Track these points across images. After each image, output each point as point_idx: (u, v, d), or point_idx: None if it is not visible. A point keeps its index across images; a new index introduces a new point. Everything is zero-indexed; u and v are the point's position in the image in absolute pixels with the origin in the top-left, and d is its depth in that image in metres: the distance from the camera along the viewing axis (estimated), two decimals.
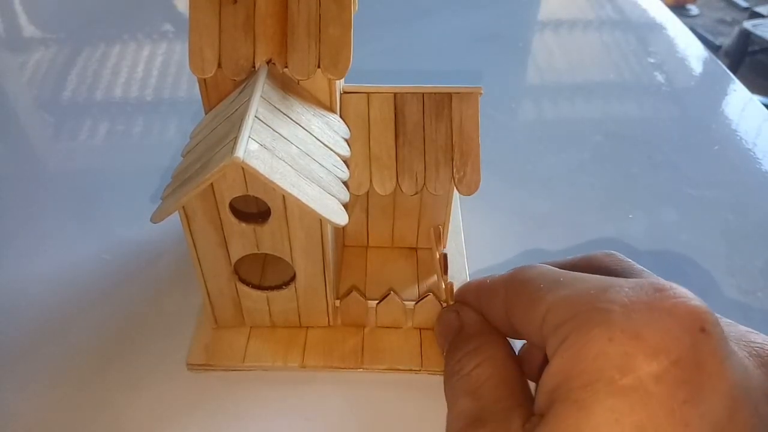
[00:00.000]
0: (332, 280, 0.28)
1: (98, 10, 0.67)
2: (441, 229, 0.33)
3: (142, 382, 0.29)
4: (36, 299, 0.33)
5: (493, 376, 0.22)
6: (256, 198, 0.24)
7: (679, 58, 0.60)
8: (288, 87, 0.26)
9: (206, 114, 0.28)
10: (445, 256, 0.31)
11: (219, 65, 0.26)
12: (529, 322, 0.21)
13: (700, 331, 0.17)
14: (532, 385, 0.22)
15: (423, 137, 0.30)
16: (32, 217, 0.39)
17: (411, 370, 0.29)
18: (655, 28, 0.66)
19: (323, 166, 0.25)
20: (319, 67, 0.26)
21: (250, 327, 0.31)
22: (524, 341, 0.26)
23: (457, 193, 0.30)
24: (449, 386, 0.23)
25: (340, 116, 0.29)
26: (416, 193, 0.30)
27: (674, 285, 0.18)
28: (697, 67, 0.59)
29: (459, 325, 0.26)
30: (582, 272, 0.21)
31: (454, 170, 0.30)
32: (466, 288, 0.27)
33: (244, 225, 0.25)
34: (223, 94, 0.27)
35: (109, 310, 0.33)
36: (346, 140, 0.28)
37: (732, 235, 0.39)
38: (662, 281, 0.19)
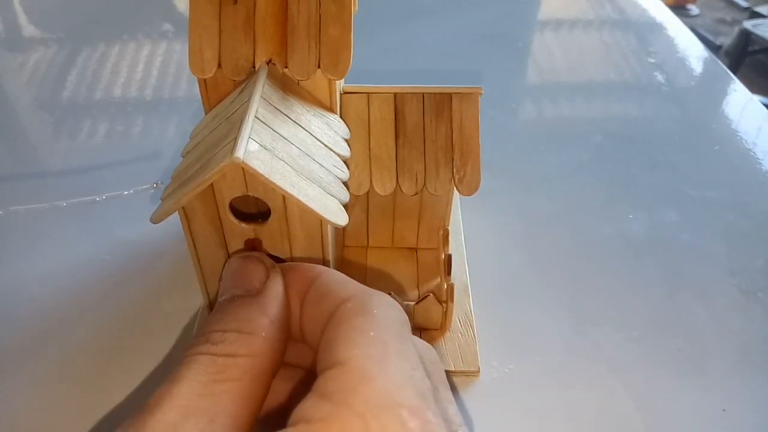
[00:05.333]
0: None
1: (98, 10, 0.67)
2: (450, 231, 0.33)
3: (142, 382, 0.29)
4: (36, 299, 0.33)
5: (239, 382, 0.18)
6: (256, 198, 0.24)
7: (679, 58, 0.60)
8: (288, 87, 0.26)
9: (206, 114, 0.28)
10: (449, 258, 0.31)
11: (219, 65, 0.26)
12: (314, 323, 0.20)
13: None
14: None
15: (423, 137, 0.30)
16: (32, 217, 0.39)
17: None
18: (655, 28, 0.66)
19: (323, 167, 0.25)
20: (319, 67, 0.26)
21: None
22: None
23: (458, 193, 0.30)
24: (193, 348, 0.19)
25: (340, 116, 0.29)
26: (416, 194, 0.30)
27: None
28: (697, 67, 0.59)
29: (258, 289, 0.21)
30: None
31: (454, 170, 0.30)
32: (290, 264, 0.23)
33: (244, 225, 0.25)
34: (223, 94, 0.27)
35: (109, 310, 0.33)
36: (346, 140, 0.28)
37: (732, 235, 0.39)
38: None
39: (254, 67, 0.26)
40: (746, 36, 1.92)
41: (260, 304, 0.20)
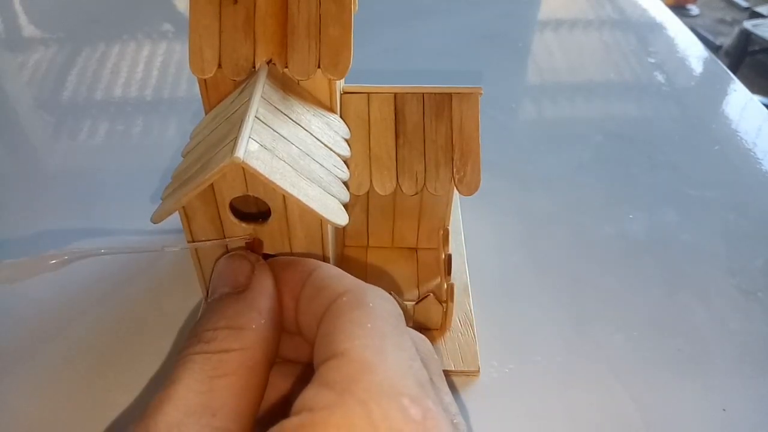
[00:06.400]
0: None
1: (98, 10, 0.67)
2: (450, 231, 0.33)
3: (142, 382, 0.29)
4: (35, 299, 0.33)
5: (236, 376, 0.18)
6: (256, 198, 0.24)
7: (679, 58, 0.60)
8: (288, 87, 0.26)
9: (206, 114, 0.28)
10: (449, 258, 0.31)
11: (219, 65, 0.26)
12: (309, 314, 0.20)
13: None
14: None
15: (423, 137, 0.30)
16: (32, 217, 0.39)
17: None
18: (655, 28, 0.66)
19: (323, 167, 0.25)
20: (319, 67, 0.26)
21: None
22: None
23: (458, 193, 0.30)
24: (187, 349, 0.19)
25: (340, 116, 0.29)
26: (416, 194, 0.30)
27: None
28: (697, 67, 0.59)
29: (245, 285, 0.21)
30: None
31: (454, 170, 0.30)
32: (284, 261, 0.23)
33: (244, 225, 0.25)
34: (223, 94, 0.27)
35: (109, 310, 0.33)
36: (346, 140, 0.28)
37: (732, 235, 0.39)
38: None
39: (254, 67, 0.26)
40: (746, 36, 1.92)
41: (248, 299, 0.21)
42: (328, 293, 0.20)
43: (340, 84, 0.28)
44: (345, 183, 0.26)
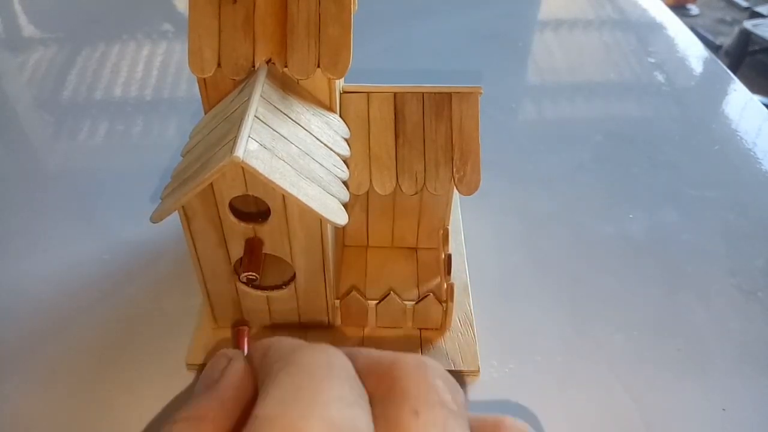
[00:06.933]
0: (332, 279, 0.28)
1: (98, 10, 0.67)
2: (449, 231, 0.33)
3: (142, 382, 0.29)
4: (36, 299, 0.33)
5: None
6: (256, 198, 0.24)
7: (679, 58, 0.60)
8: (288, 87, 0.26)
9: (206, 114, 0.28)
10: (449, 258, 0.31)
11: (218, 65, 0.26)
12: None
13: None
14: None
15: (423, 137, 0.30)
16: (32, 217, 0.39)
17: None
18: (655, 28, 0.66)
19: (323, 166, 0.25)
20: (318, 66, 0.26)
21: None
22: None
23: (457, 193, 0.30)
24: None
25: (340, 116, 0.29)
26: (416, 193, 0.30)
27: None
28: (697, 67, 0.59)
29: (217, 379, 0.22)
30: None
31: (454, 170, 0.30)
32: (268, 342, 0.23)
33: (244, 225, 0.25)
34: (222, 93, 0.27)
35: (109, 310, 0.33)
36: (346, 140, 0.28)
37: (732, 235, 0.39)
38: None
39: (254, 66, 0.26)
40: (746, 36, 1.92)
41: (212, 389, 0.22)
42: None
43: (340, 83, 0.28)
44: (345, 183, 0.26)
